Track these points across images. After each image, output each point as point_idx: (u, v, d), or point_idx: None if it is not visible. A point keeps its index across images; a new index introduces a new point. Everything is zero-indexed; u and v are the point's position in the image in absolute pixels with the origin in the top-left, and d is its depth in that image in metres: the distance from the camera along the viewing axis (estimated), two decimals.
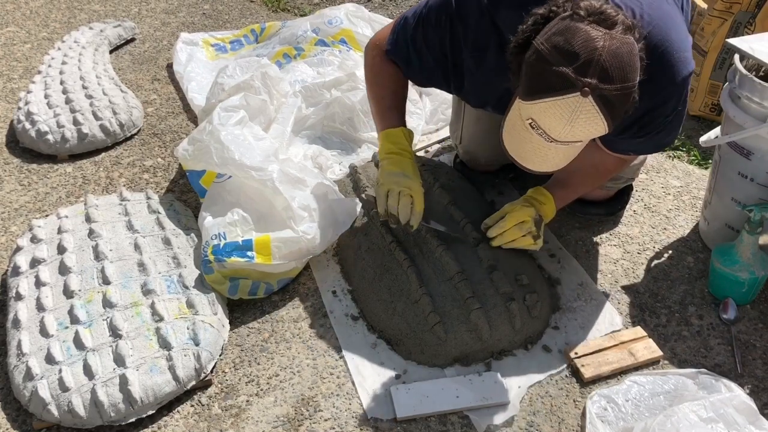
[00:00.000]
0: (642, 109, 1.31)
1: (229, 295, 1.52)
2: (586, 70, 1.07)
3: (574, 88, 1.08)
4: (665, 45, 1.27)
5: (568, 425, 1.31)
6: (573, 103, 1.09)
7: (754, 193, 1.54)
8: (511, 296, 1.43)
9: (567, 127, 1.12)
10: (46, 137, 2.05)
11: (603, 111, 1.10)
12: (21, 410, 1.33)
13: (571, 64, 1.08)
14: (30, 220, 1.82)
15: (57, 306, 1.43)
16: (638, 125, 1.36)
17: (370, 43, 1.59)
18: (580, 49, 1.08)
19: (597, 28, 1.09)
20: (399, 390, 1.34)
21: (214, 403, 1.35)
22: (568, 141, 1.15)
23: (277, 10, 3.12)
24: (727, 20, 2.10)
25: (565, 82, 1.08)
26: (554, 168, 1.23)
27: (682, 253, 1.71)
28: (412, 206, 1.48)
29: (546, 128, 1.14)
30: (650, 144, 1.45)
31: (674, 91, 1.32)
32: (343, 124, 2.06)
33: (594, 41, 1.08)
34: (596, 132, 1.14)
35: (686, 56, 1.31)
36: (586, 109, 1.09)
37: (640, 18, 1.26)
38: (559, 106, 1.10)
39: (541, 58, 1.11)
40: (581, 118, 1.10)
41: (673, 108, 1.34)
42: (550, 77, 1.10)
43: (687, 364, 1.42)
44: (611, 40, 1.09)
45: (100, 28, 2.75)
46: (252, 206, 1.61)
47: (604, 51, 1.08)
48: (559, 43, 1.10)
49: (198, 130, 1.75)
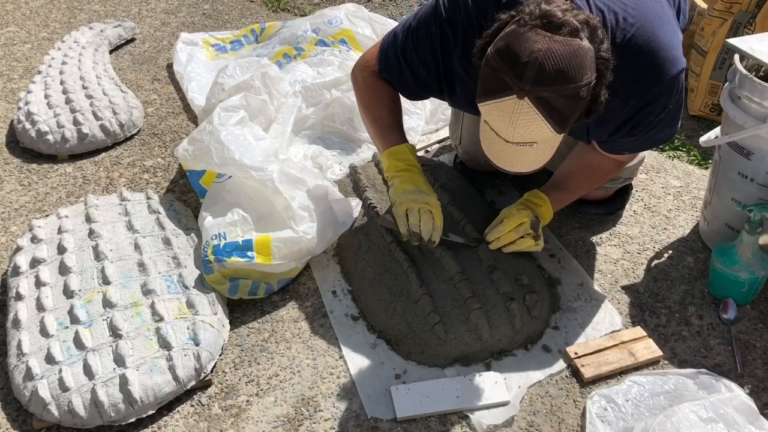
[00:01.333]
0: (632, 109, 1.33)
1: (229, 295, 1.52)
2: (522, 73, 1.10)
3: (510, 90, 1.11)
4: (651, 44, 1.28)
5: (568, 425, 1.31)
6: (510, 106, 1.12)
7: (754, 193, 1.54)
8: (511, 296, 1.43)
9: (511, 129, 1.14)
10: (46, 137, 2.05)
11: (543, 113, 1.12)
12: (21, 410, 1.33)
13: (510, 68, 1.11)
14: (30, 220, 1.83)
15: (57, 306, 1.43)
16: (630, 125, 1.37)
17: (358, 65, 1.58)
18: (518, 53, 1.11)
19: (539, 32, 1.11)
20: (399, 390, 1.35)
21: (214, 403, 1.35)
22: (521, 142, 1.17)
23: (277, 10, 3.12)
24: (727, 20, 2.10)
25: (502, 84, 1.12)
26: (528, 169, 1.24)
27: (682, 253, 1.71)
28: (433, 222, 1.46)
29: (496, 129, 1.17)
30: (644, 142, 1.45)
31: (663, 89, 1.32)
32: (343, 124, 2.06)
33: (533, 45, 1.10)
34: (543, 134, 1.15)
35: (674, 54, 1.31)
36: (524, 111, 1.12)
37: (623, 20, 1.27)
38: (500, 108, 1.14)
39: (486, 63, 1.15)
40: (521, 119, 1.13)
41: (663, 106, 1.34)
42: (491, 80, 1.14)
43: (687, 364, 1.42)
44: (551, 42, 1.10)
45: (100, 28, 2.75)
46: (252, 206, 1.61)
47: (541, 54, 1.09)
48: (501, 47, 1.13)
49: (198, 130, 1.75)
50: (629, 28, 1.27)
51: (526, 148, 1.18)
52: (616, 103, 1.30)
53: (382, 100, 1.55)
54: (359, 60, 1.59)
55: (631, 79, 1.28)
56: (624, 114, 1.35)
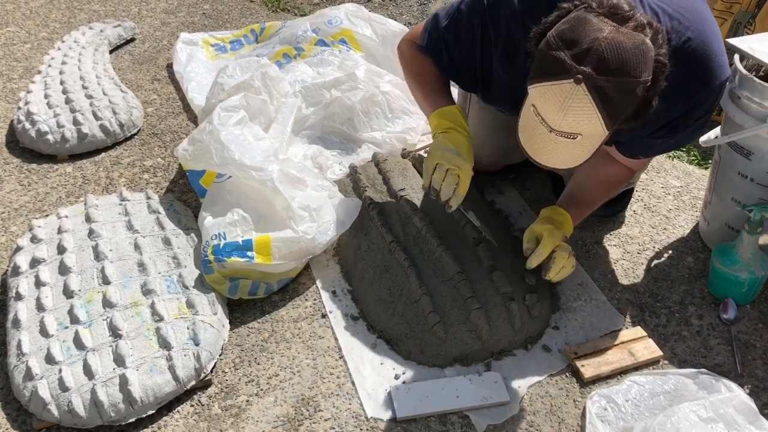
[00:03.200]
0: (677, 112, 1.31)
1: (229, 295, 1.52)
2: (583, 58, 1.07)
3: (569, 74, 1.08)
4: (706, 50, 1.26)
5: (568, 425, 1.31)
6: (566, 90, 1.09)
7: (754, 193, 1.54)
8: (511, 296, 1.43)
9: (560, 115, 1.11)
10: (46, 137, 2.05)
11: (597, 103, 1.08)
12: (21, 410, 1.33)
13: (570, 50, 1.08)
14: (30, 220, 1.82)
15: (57, 306, 1.43)
16: (669, 126, 1.35)
17: (404, 39, 1.59)
18: (581, 38, 1.08)
19: (605, 20, 1.09)
20: (399, 390, 1.35)
21: (214, 403, 1.35)
22: (566, 132, 1.13)
23: (277, 10, 3.12)
24: (727, 20, 2.10)
25: (561, 67, 1.09)
26: (562, 165, 1.21)
27: (682, 253, 1.71)
28: (456, 186, 1.42)
29: (543, 114, 1.13)
30: (665, 145, 1.44)
31: (710, 94, 1.31)
32: (343, 124, 2.06)
33: (598, 32, 1.08)
34: (591, 126, 1.11)
35: (724, 60, 1.30)
36: (579, 97, 1.08)
37: (678, 23, 1.24)
38: (553, 91, 1.10)
39: (546, 44, 1.12)
40: (574, 106, 1.09)
41: (705, 111, 1.33)
42: (549, 62, 1.11)
43: (687, 364, 1.42)
44: (616, 33, 1.08)
45: (100, 28, 2.75)
46: (252, 206, 1.61)
47: (605, 42, 1.07)
48: (564, 31, 1.11)
49: (198, 130, 1.75)
50: (684, 31, 1.24)
51: (567, 142, 1.14)
52: (662, 106, 1.24)
53: (429, 69, 1.54)
54: (406, 35, 1.61)
55: (681, 82, 1.24)
56: (667, 116, 1.32)
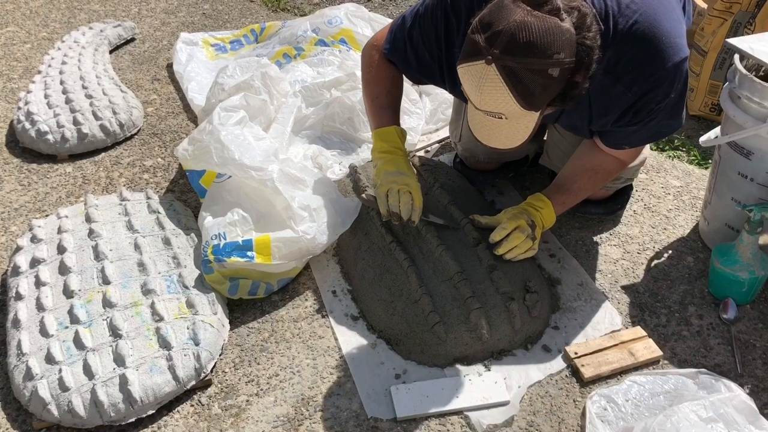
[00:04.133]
0: (635, 95, 1.34)
1: (229, 295, 1.52)
2: (494, 40, 1.13)
3: (481, 55, 1.14)
4: (654, 31, 1.29)
5: (568, 425, 1.31)
6: (479, 70, 1.15)
7: (754, 193, 1.54)
8: (511, 296, 1.43)
9: (478, 94, 1.17)
10: (46, 137, 2.05)
11: (508, 83, 1.13)
12: (21, 410, 1.33)
13: (485, 33, 1.14)
14: (30, 220, 1.82)
15: (57, 306, 1.43)
16: (632, 112, 1.37)
17: (368, 43, 1.63)
18: (495, 21, 1.14)
19: (521, 5, 1.14)
20: (399, 390, 1.35)
21: (214, 403, 1.35)
22: (489, 111, 1.19)
23: (277, 10, 3.12)
24: (727, 20, 2.10)
25: (476, 48, 1.16)
26: (504, 146, 1.25)
27: (682, 253, 1.71)
28: (411, 202, 1.50)
29: (468, 94, 1.21)
30: (644, 134, 1.45)
31: (665, 76, 1.32)
32: (343, 124, 2.06)
33: (511, 15, 1.13)
34: (508, 106, 1.16)
35: (677, 41, 1.31)
36: (491, 77, 1.14)
37: (626, 7, 1.28)
38: (470, 71, 1.17)
39: (470, 28, 1.19)
40: (487, 86, 1.15)
41: (665, 94, 1.34)
42: (468, 45, 1.19)
43: (687, 364, 1.42)
44: (528, 16, 1.12)
45: (100, 28, 2.75)
46: (252, 206, 1.61)
47: (515, 24, 1.12)
48: (484, 15, 1.17)
49: (198, 130, 1.75)
50: (632, 14, 1.27)
51: (496, 121, 1.20)
52: (619, 90, 1.32)
53: (382, 81, 1.59)
54: (370, 39, 1.63)
55: (634, 65, 1.30)
56: (627, 101, 1.35)
